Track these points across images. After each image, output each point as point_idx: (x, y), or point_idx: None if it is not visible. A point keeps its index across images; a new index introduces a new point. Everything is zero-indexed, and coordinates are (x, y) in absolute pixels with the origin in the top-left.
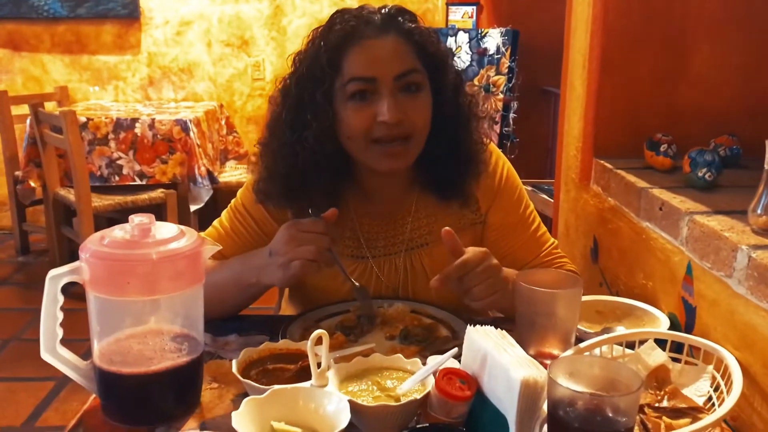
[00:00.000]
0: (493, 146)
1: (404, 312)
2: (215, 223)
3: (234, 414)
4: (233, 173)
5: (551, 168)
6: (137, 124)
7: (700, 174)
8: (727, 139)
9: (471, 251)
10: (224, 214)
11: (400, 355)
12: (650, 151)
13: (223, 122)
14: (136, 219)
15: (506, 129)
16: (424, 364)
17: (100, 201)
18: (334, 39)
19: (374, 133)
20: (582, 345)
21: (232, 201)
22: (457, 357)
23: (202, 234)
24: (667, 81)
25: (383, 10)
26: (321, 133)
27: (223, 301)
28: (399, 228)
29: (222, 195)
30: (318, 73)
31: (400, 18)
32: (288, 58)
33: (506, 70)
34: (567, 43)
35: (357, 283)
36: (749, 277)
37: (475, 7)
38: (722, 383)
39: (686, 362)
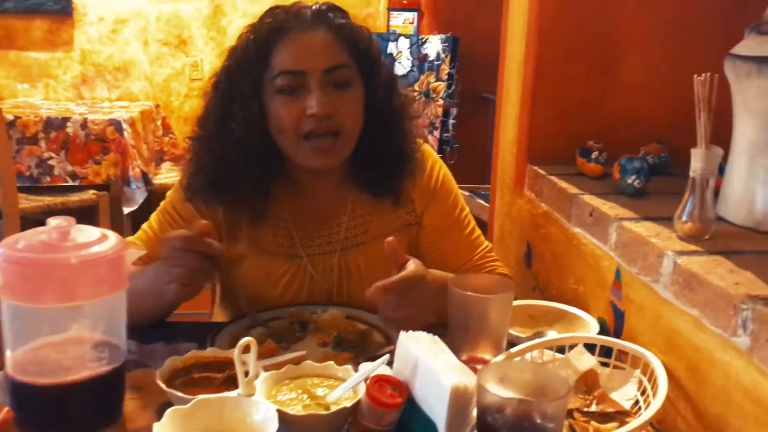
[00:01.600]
0: (429, 148)
1: (338, 318)
2: (144, 225)
3: (156, 425)
4: (169, 175)
5: (489, 174)
6: (69, 124)
7: (629, 181)
8: (655, 147)
9: (415, 268)
10: (153, 216)
11: (331, 362)
12: (582, 158)
13: (159, 123)
14: (53, 221)
15: (446, 135)
16: (356, 371)
17: (28, 202)
18: (263, 32)
19: (304, 127)
20: (513, 350)
21: (162, 202)
22: (390, 363)
23: (132, 238)
24: (599, 89)
25: (314, 6)
26: (246, 124)
27: (145, 309)
28: (334, 227)
29: (157, 197)
30: (246, 65)
31: (330, 14)
32: (221, 54)
33: (446, 77)
34: (503, 51)
35: (242, 298)
36: (674, 282)
37: (416, 14)
38: (648, 387)
39: (615, 366)
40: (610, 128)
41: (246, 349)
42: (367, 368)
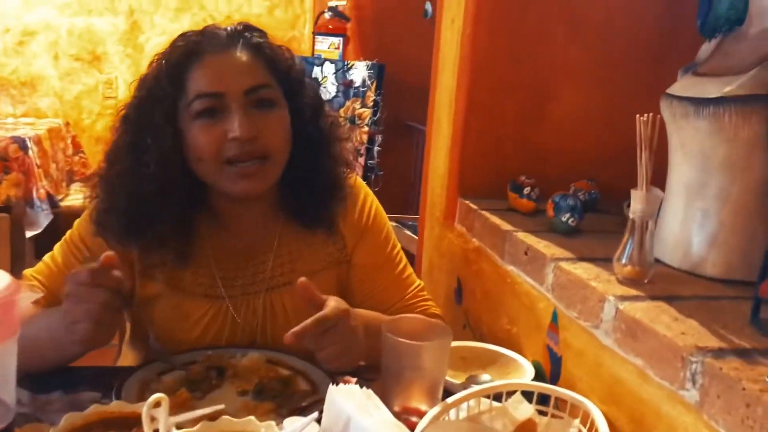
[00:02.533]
0: (361, 182)
1: (259, 363)
2: (46, 258)
3: None
4: (78, 197)
5: (414, 202)
6: None
7: (563, 219)
8: (585, 184)
9: (331, 307)
10: (57, 247)
11: (252, 417)
12: (514, 194)
13: (69, 141)
14: None
15: (371, 162)
16: (280, 425)
17: None
18: (175, 56)
19: (226, 153)
20: (449, 400)
21: (68, 232)
22: (318, 420)
23: (31, 271)
24: (531, 124)
25: (229, 27)
26: (162, 156)
27: (42, 357)
28: (259, 265)
29: (64, 220)
30: (159, 93)
31: (246, 33)
32: (131, 84)
33: (372, 104)
34: (434, 81)
35: (152, 338)
36: (616, 329)
37: (341, 39)
38: None
39: (553, 415)
40: (540, 162)
41: (157, 403)
42: (294, 426)
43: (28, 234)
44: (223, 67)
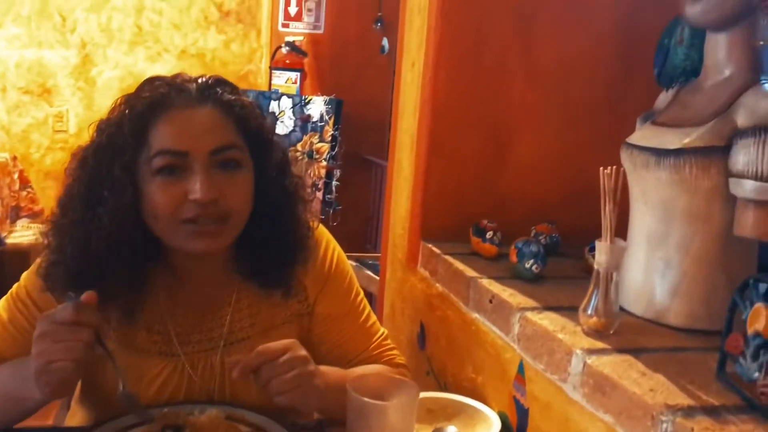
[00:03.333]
0: (322, 229)
1: (218, 420)
2: None
3: None
4: (24, 233)
5: (373, 236)
6: None
7: (527, 265)
8: (546, 227)
9: (276, 342)
10: (2, 302)
11: None
12: (476, 237)
13: (15, 176)
14: None
15: (329, 196)
16: None
17: None
18: (140, 106)
19: (184, 213)
20: None
21: (14, 286)
22: None
23: None
24: (492, 167)
25: (200, 80)
26: (117, 210)
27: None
28: (217, 320)
29: (9, 258)
30: (119, 142)
31: (218, 89)
32: (90, 126)
33: (330, 138)
34: (395, 123)
35: (124, 388)
36: (584, 383)
37: (299, 74)
38: None
39: None
40: (502, 205)
41: None
42: None
43: None
44: (189, 125)
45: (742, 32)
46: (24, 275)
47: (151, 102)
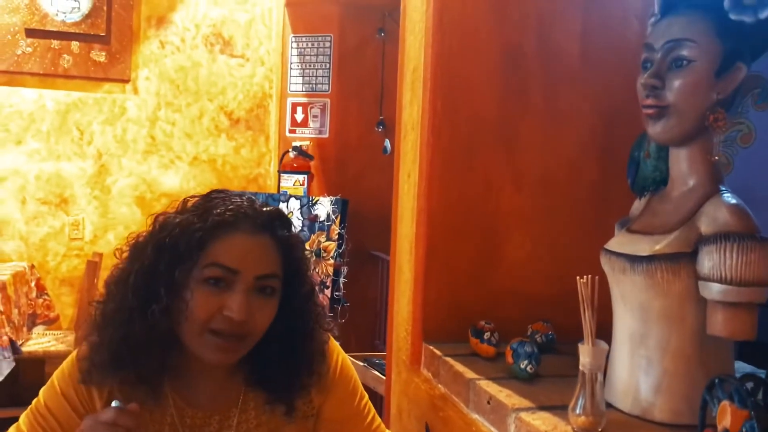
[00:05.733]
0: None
1: None
2: (12, 429)
3: None
4: (40, 341)
5: (382, 331)
6: None
7: (522, 366)
8: (542, 326)
9: None
10: (23, 417)
11: None
12: (475, 338)
13: (33, 284)
14: None
15: (337, 293)
16: None
17: None
18: (210, 222)
19: (214, 324)
20: None
21: (33, 401)
22: None
23: None
24: (487, 269)
25: (265, 210)
26: (168, 309)
27: None
28: (224, 421)
29: (25, 366)
30: (183, 248)
31: (277, 222)
32: (149, 218)
33: (336, 236)
34: (394, 230)
35: None
36: None
37: (306, 176)
38: None
39: None
40: (498, 306)
41: None
42: None
43: None
44: (246, 249)
45: (699, 147)
46: (42, 390)
47: (221, 222)
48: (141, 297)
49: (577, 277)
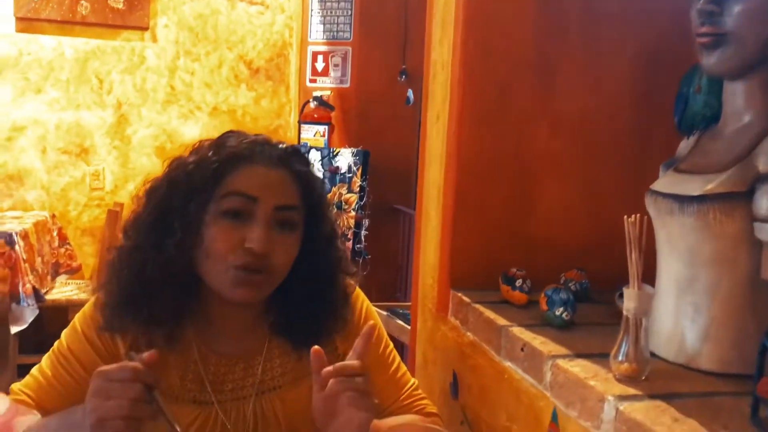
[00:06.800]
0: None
1: None
2: (34, 370)
3: None
4: (63, 289)
5: (402, 285)
6: None
7: (557, 313)
8: (576, 274)
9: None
10: (45, 359)
11: None
12: (506, 286)
13: (55, 233)
14: None
15: (358, 246)
16: None
17: None
18: (225, 154)
19: (235, 259)
20: None
21: (55, 343)
22: None
23: (18, 385)
24: (519, 216)
25: (281, 146)
26: (184, 244)
27: None
28: (249, 369)
29: (49, 314)
30: (198, 181)
31: (294, 158)
32: (164, 162)
33: (358, 189)
34: (421, 174)
35: None
36: (617, 430)
37: (326, 127)
38: None
39: None
40: (530, 253)
41: None
42: None
43: (14, 330)
44: (265, 179)
45: (758, 80)
46: (64, 332)
47: (237, 153)
48: (155, 234)
49: (625, 217)
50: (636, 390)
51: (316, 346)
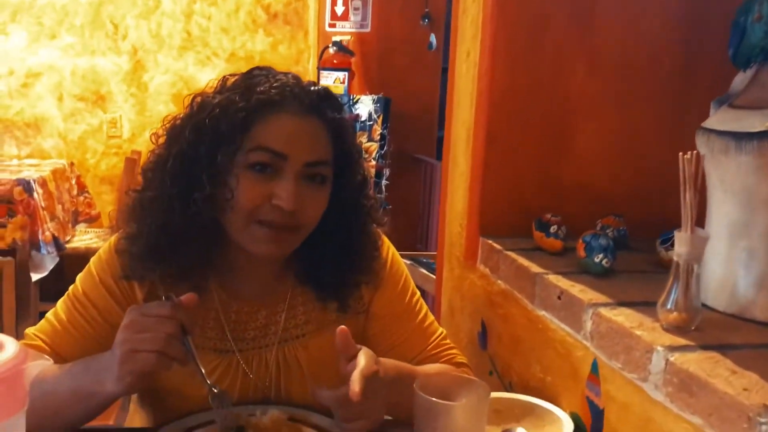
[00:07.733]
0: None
1: (281, 421)
2: (49, 315)
3: None
4: (83, 237)
5: (423, 235)
6: None
7: (596, 260)
8: (613, 221)
9: (367, 366)
10: (60, 304)
11: None
12: (540, 232)
13: (73, 182)
14: None
15: (379, 195)
16: None
17: None
18: (254, 101)
19: (262, 215)
20: None
21: (70, 288)
22: None
23: (32, 330)
24: (553, 159)
25: (312, 89)
26: (212, 197)
27: (59, 414)
28: (271, 317)
29: (69, 262)
30: (224, 129)
31: (326, 103)
32: (186, 98)
33: (378, 137)
34: (449, 116)
35: (215, 389)
36: (668, 382)
37: (346, 73)
38: None
39: None
40: (565, 199)
41: None
42: None
43: (34, 277)
44: (295, 132)
45: None
46: (79, 276)
47: (266, 101)
48: (181, 184)
49: (680, 154)
50: (687, 340)
51: (342, 327)
